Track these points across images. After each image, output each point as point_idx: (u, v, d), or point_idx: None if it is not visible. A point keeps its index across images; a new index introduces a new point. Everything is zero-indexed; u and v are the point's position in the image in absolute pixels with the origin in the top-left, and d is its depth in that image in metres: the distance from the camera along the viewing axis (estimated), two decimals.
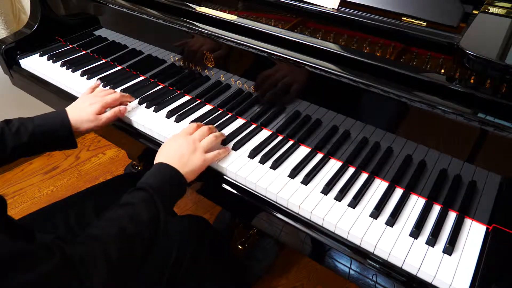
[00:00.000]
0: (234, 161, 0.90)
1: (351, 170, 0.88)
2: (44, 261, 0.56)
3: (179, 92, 1.12)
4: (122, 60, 1.26)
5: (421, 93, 0.73)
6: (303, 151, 0.93)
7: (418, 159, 0.81)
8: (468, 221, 0.78)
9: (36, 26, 1.34)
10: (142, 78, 1.21)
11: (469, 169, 0.75)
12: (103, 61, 1.30)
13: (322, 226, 0.78)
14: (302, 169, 0.88)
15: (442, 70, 0.84)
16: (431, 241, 0.73)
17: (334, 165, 0.90)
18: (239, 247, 1.47)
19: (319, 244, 0.79)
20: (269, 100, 0.96)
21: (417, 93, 0.73)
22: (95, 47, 1.32)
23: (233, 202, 0.93)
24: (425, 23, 0.86)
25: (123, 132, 1.05)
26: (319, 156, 0.92)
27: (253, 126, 1.00)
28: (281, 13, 1.06)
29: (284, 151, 0.92)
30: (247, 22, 0.95)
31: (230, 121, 1.02)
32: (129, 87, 1.15)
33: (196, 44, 1.01)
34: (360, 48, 0.93)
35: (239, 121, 1.02)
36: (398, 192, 0.84)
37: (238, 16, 0.97)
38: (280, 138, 0.96)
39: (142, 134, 1.03)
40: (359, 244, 0.75)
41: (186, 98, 1.11)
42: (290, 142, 0.95)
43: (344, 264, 0.79)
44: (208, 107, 1.07)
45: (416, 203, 0.81)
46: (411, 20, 0.87)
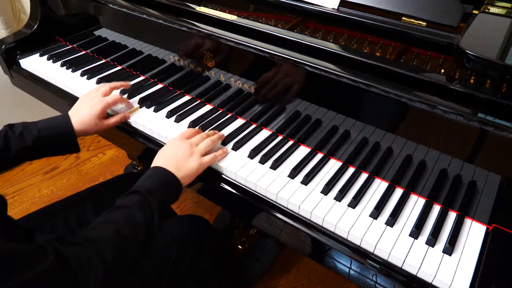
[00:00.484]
0: (234, 161, 0.90)
1: (351, 170, 0.88)
2: (39, 262, 0.56)
3: (179, 92, 1.12)
4: (122, 60, 1.26)
5: (421, 93, 0.73)
6: (303, 151, 0.93)
7: (418, 159, 0.81)
8: (468, 221, 0.78)
9: (36, 26, 1.34)
10: (142, 78, 1.21)
11: (469, 169, 0.75)
12: (103, 61, 1.30)
13: (322, 226, 0.78)
14: (302, 169, 0.88)
15: (442, 70, 0.84)
16: (431, 241, 0.73)
17: (334, 165, 0.90)
18: (239, 247, 1.47)
19: (319, 244, 0.79)
20: (269, 100, 0.96)
21: (417, 93, 0.73)
22: (95, 47, 1.32)
23: (233, 202, 0.93)
24: (425, 23, 0.86)
25: (123, 132, 1.05)
26: (319, 156, 0.92)
27: (253, 126, 1.00)
28: (281, 13, 1.06)
29: (284, 151, 0.92)
30: (247, 22, 0.95)
31: (230, 121, 1.02)
32: (129, 87, 1.15)
33: (196, 44, 1.01)
34: (360, 48, 0.93)
35: (239, 121, 1.02)
36: (398, 192, 0.84)
37: (238, 16, 0.97)
38: (280, 138, 0.96)
39: (142, 134, 1.03)
40: (359, 244, 0.75)
41: (186, 98, 1.11)
42: (290, 142, 0.95)
43: (344, 264, 0.79)
44: (208, 107, 1.07)
45: (416, 203, 0.81)
46: (411, 20, 0.87)
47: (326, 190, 0.83)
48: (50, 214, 0.96)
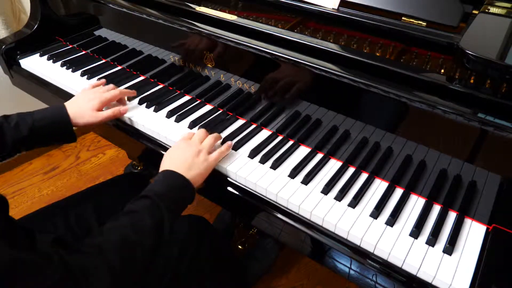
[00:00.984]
0: (234, 161, 0.90)
1: (351, 170, 0.88)
2: (44, 271, 0.56)
3: (179, 92, 1.12)
4: (122, 60, 1.26)
5: (421, 93, 0.73)
6: (303, 151, 0.93)
7: (418, 159, 0.81)
8: (468, 221, 0.78)
9: (36, 26, 1.34)
10: (142, 78, 1.21)
11: (469, 169, 0.75)
12: (103, 61, 1.30)
13: (322, 226, 0.78)
14: (302, 169, 0.88)
15: (442, 70, 0.84)
16: (431, 241, 0.73)
17: (334, 165, 0.90)
18: (239, 247, 1.47)
19: (319, 244, 0.79)
20: (269, 100, 0.96)
21: (417, 93, 0.73)
22: (95, 47, 1.32)
23: (233, 202, 0.93)
24: (425, 23, 0.86)
25: (123, 132, 1.05)
26: (319, 156, 0.92)
27: (253, 126, 1.00)
28: (281, 13, 1.06)
29: (284, 151, 0.92)
30: (247, 22, 0.95)
31: (230, 121, 1.02)
32: (129, 87, 1.15)
33: (196, 44, 1.01)
34: (360, 48, 0.93)
35: (239, 121, 1.02)
36: (398, 192, 0.84)
37: (238, 16, 0.97)
38: (280, 138, 0.96)
39: (142, 134, 1.03)
40: (359, 244, 0.75)
41: (186, 98, 1.11)
42: (290, 142, 0.95)
43: (344, 264, 0.79)
44: (208, 107, 1.07)
45: (416, 203, 0.81)
46: (411, 20, 0.87)
47: (326, 190, 0.83)
48: (50, 214, 0.96)
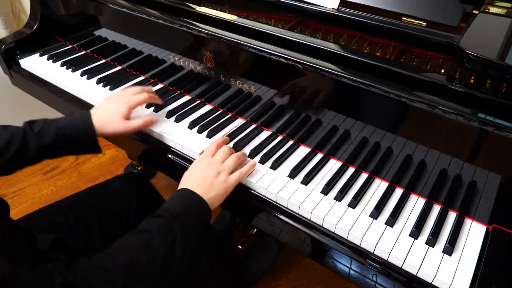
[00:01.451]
0: None
1: (351, 170, 0.88)
2: None
3: (179, 92, 1.12)
4: (122, 60, 1.26)
5: (421, 93, 0.73)
6: (303, 151, 0.93)
7: (418, 159, 0.81)
8: (468, 221, 0.78)
9: (36, 26, 1.34)
10: (142, 78, 1.21)
11: (469, 169, 0.75)
12: (103, 61, 1.30)
13: (322, 226, 0.78)
14: (302, 169, 0.88)
15: (442, 70, 0.84)
16: (431, 241, 0.73)
17: (334, 165, 0.90)
18: (239, 247, 1.47)
19: (319, 244, 0.79)
20: (269, 100, 0.96)
21: (417, 93, 0.73)
22: (95, 47, 1.32)
23: (233, 202, 0.93)
24: (425, 23, 0.86)
25: None
26: (319, 156, 0.92)
27: (253, 126, 1.00)
28: (281, 13, 1.06)
29: (284, 151, 0.92)
30: (247, 22, 0.95)
31: (230, 121, 1.02)
32: (129, 87, 1.15)
33: (196, 44, 1.01)
34: (360, 48, 0.93)
35: (239, 121, 1.02)
36: (398, 192, 0.84)
37: (238, 16, 0.97)
38: (280, 138, 0.96)
39: (141, 134, 1.03)
40: (359, 244, 0.75)
41: (186, 98, 1.11)
42: (290, 142, 0.95)
43: (344, 264, 0.79)
44: (208, 107, 1.07)
45: (416, 203, 0.81)
46: (411, 20, 0.87)
47: (326, 190, 0.83)
48: (50, 214, 0.96)
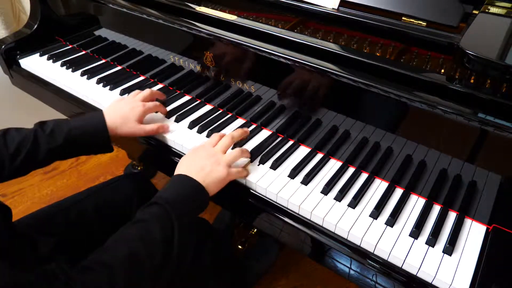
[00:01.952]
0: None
1: (351, 170, 0.88)
2: None
3: (179, 92, 1.12)
4: (122, 60, 1.26)
5: (421, 93, 0.73)
6: (303, 151, 0.93)
7: (418, 159, 0.81)
8: (468, 221, 0.78)
9: (36, 26, 1.34)
10: (142, 78, 1.21)
11: (469, 169, 0.75)
12: (103, 61, 1.30)
13: (322, 226, 0.78)
14: (302, 169, 0.88)
15: (442, 70, 0.84)
16: (431, 241, 0.73)
17: (334, 165, 0.90)
18: (239, 247, 1.47)
19: (319, 244, 0.79)
20: (269, 100, 0.96)
21: (417, 93, 0.73)
22: (95, 47, 1.32)
23: (233, 202, 0.93)
24: (425, 23, 0.86)
25: None
26: (319, 156, 0.92)
27: (253, 126, 1.00)
28: (281, 13, 1.06)
29: (284, 151, 0.92)
30: (247, 22, 0.95)
31: (230, 121, 1.02)
32: (129, 87, 1.15)
33: (196, 44, 1.01)
34: (360, 48, 0.93)
35: (239, 121, 1.02)
36: (398, 192, 0.84)
37: (238, 16, 0.97)
38: (280, 138, 0.96)
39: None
40: (359, 244, 0.75)
41: (186, 98, 1.11)
42: (290, 142, 0.95)
43: (344, 264, 0.79)
44: (208, 107, 1.07)
45: (416, 203, 0.81)
46: (411, 20, 0.87)
47: (326, 190, 0.83)
48: (50, 214, 0.96)
